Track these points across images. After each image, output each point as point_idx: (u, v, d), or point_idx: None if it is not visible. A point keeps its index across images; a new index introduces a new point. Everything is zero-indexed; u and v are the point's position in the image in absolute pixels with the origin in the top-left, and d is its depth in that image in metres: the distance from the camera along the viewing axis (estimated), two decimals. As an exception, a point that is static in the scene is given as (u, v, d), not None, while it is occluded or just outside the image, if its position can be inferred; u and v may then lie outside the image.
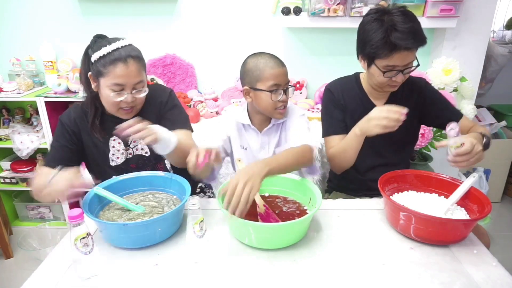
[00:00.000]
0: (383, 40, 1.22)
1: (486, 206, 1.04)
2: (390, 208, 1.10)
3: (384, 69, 1.28)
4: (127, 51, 1.21)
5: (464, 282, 0.91)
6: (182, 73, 2.45)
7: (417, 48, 1.26)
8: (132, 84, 1.22)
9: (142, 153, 1.38)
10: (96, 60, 1.20)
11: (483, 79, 2.61)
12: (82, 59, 1.29)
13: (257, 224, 1.01)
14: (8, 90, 2.26)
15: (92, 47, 1.24)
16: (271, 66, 1.27)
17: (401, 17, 1.23)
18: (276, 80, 1.27)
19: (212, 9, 2.33)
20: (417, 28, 1.24)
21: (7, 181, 2.48)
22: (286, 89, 1.31)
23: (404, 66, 1.27)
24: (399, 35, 1.21)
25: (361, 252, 1.03)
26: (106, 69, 1.19)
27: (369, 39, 1.27)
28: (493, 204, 2.98)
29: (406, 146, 1.54)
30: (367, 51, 1.29)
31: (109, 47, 1.20)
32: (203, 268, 0.96)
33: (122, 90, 1.21)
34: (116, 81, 1.19)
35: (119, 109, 1.26)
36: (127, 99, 1.23)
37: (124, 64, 1.19)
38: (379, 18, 1.25)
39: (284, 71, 1.30)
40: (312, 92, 2.48)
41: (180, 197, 1.19)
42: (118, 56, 1.19)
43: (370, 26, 1.27)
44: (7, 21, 2.39)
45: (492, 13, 2.27)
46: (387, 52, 1.24)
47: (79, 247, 0.88)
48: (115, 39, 1.23)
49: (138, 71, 1.22)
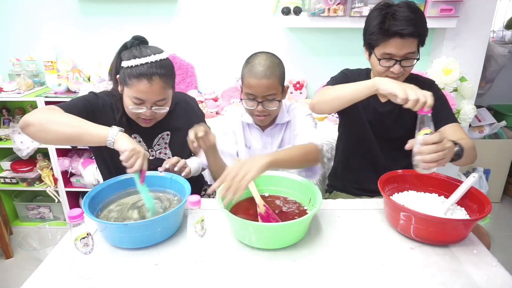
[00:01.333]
0: (378, 26, 1.23)
1: (486, 206, 1.04)
2: (390, 208, 1.10)
3: (380, 57, 1.28)
4: (154, 68, 1.18)
5: (464, 282, 0.91)
6: (182, 73, 2.45)
7: (413, 36, 1.23)
8: (153, 101, 1.21)
9: (165, 157, 1.38)
10: (125, 67, 1.19)
11: (483, 79, 2.62)
12: (115, 57, 1.27)
13: (257, 224, 1.01)
14: (8, 90, 2.26)
15: (125, 51, 1.22)
16: (253, 74, 1.24)
17: (403, 8, 1.23)
18: (251, 90, 1.25)
19: (212, 9, 2.33)
20: (417, 18, 1.22)
21: (7, 181, 2.49)
22: (263, 101, 1.27)
23: (402, 57, 1.26)
24: (394, 22, 1.21)
25: (361, 252, 1.03)
26: (130, 81, 1.18)
27: (367, 27, 1.29)
28: (493, 204, 2.97)
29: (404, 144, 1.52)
30: (366, 38, 1.31)
31: (138, 60, 1.17)
32: (203, 268, 0.96)
33: (142, 104, 1.21)
34: (137, 96, 1.19)
35: (138, 118, 1.27)
36: (146, 113, 1.23)
37: (148, 81, 1.17)
38: (382, 8, 1.26)
39: (263, 84, 1.24)
40: (312, 92, 2.48)
41: (180, 197, 1.19)
42: (144, 72, 1.17)
43: (371, 15, 1.29)
44: (7, 21, 2.39)
45: (492, 13, 2.27)
46: (381, 38, 1.24)
47: (79, 247, 0.88)
48: (148, 51, 1.20)
49: (162, 89, 1.21)
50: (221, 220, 1.16)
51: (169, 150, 1.39)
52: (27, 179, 2.47)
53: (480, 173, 2.66)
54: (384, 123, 1.43)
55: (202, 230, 0.96)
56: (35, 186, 2.48)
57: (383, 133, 1.44)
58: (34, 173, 2.45)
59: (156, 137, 1.36)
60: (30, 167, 2.47)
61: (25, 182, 2.48)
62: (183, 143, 1.42)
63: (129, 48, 1.23)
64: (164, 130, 1.37)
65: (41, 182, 2.48)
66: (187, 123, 1.41)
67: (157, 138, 1.36)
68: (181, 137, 1.40)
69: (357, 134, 1.50)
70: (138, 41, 1.23)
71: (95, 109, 1.27)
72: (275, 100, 1.27)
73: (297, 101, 2.39)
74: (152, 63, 1.18)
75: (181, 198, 1.15)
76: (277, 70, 1.27)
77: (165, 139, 1.38)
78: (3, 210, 2.44)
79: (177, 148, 1.40)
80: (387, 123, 1.43)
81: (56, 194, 2.45)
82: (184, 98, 1.46)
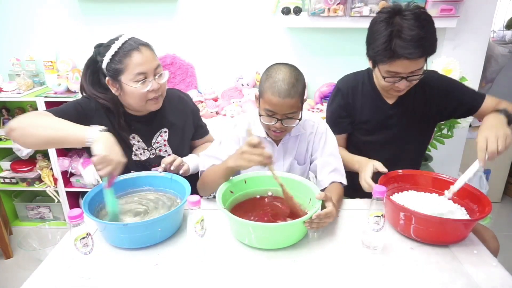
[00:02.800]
0: (383, 45, 1.17)
1: (487, 206, 1.04)
2: (390, 208, 1.10)
3: (385, 75, 1.24)
4: (135, 41, 1.22)
5: (464, 282, 0.91)
6: (182, 73, 2.45)
7: (421, 57, 1.18)
8: (153, 69, 1.22)
9: (165, 155, 1.38)
10: (109, 61, 1.20)
11: (483, 79, 2.61)
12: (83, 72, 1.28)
13: (257, 224, 1.01)
14: (8, 90, 2.26)
15: (98, 54, 1.23)
16: (276, 92, 1.13)
17: (410, 22, 1.15)
18: (272, 108, 1.15)
19: (212, 9, 2.33)
20: (424, 36, 1.15)
21: (7, 181, 2.48)
22: (283, 119, 1.17)
23: (408, 74, 1.22)
24: (400, 43, 1.14)
25: (361, 252, 1.03)
26: (123, 64, 1.19)
27: (372, 41, 1.22)
28: (493, 204, 2.97)
29: (421, 144, 1.52)
30: (370, 52, 1.26)
31: (116, 43, 1.20)
32: (202, 268, 0.96)
33: (145, 79, 1.21)
34: (137, 71, 1.19)
35: (147, 102, 1.26)
36: (154, 86, 1.23)
37: (138, 52, 1.19)
38: (389, 19, 1.18)
39: (286, 103, 1.13)
40: (312, 92, 2.48)
41: (180, 197, 1.19)
42: (130, 47, 1.19)
43: (376, 27, 1.21)
44: (7, 21, 2.39)
45: (492, 13, 2.27)
46: (386, 59, 1.19)
47: (79, 247, 0.88)
48: (117, 37, 1.23)
49: (153, 56, 1.24)
50: (221, 220, 1.16)
51: (169, 147, 1.39)
52: (27, 179, 2.47)
53: (480, 173, 2.66)
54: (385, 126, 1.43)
55: (202, 230, 0.96)
56: (35, 186, 2.48)
57: (386, 135, 1.44)
58: (34, 173, 2.45)
59: (155, 135, 1.36)
60: (30, 167, 2.46)
61: (25, 182, 2.48)
62: (182, 139, 1.42)
63: (96, 55, 1.25)
64: (162, 128, 1.37)
65: (41, 182, 2.48)
66: (183, 118, 1.43)
67: (155, 136, 1.36)
68: (179, 133, 1.41)
69: (356, 141, 1.49)
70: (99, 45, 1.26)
71: (87, 112, 1.27)
72: (295, 118, 1.20)
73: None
74: (128, 39, 1.21)
75: (181, 199, 1.15)
76: (300, 87, 1.16)
77: (164, 136, 1.38)
78: (3, 210, 2.44)
79: (176, 144, 1.40)
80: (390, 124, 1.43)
81: (56, 194, 2.45)
82: (178, 94, 1.47)
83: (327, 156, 1.30)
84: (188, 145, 1.49)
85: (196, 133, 1.51)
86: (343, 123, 1.43)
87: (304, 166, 1.36)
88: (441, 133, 2.08)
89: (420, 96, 1.38)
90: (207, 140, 1.55)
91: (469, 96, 1.38)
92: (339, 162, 1.31)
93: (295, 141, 1.33)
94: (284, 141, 1.32)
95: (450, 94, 1.38)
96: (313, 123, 1.33)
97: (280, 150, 1.33)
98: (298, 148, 1.34)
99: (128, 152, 1.33)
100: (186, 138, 1.46)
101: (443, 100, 1.38)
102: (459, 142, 2.51)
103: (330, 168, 1.28)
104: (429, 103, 1.39)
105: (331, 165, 1.28)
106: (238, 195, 1.20)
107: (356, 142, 1.50)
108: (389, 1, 2.10)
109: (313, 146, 1.34)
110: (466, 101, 1.37)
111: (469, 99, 1.37)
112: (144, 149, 1.35)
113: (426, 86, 1.37)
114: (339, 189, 1.25)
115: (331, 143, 1.32)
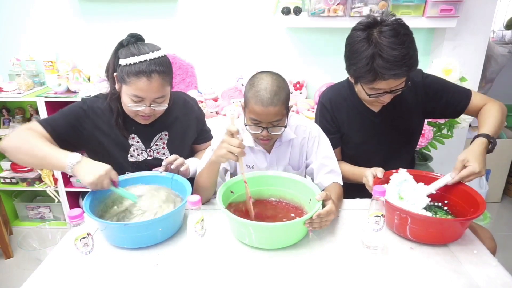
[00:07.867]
0: (366, 67, 1.16)
1: (481, 204, 1.04)
2: (387, 210, 1.09)
3: (370, 92, 1.23)
4: (153, 65, 1.18)
5: (464, 282, 0.91)
6: (182, 73, 2.45)
7: (406, 75, 1.18)
8: (152, 98, 1.21)
9: (163, 157, 1.37)
10: (123, 65, 1.19)
11: (483, 79, 2.61)
12: (112, 55, 1.26)
13: (257, 224, 1.01)
14: (8, 90, 2.26)
15: (122, 49, 1.21)
16: (259, 101, 1.14)
17: (391, 40, 1.13)
18: (257, 117, 1.17)
19: (212, 9, 2.33)
20: (406, 53, 1.13)
21: (7, 181, 2.48)
22: (268, 127, 1.19)
23: (393, 88, 1.21)
24: (383, 64, 1.13)
25: (361, 252, 1.03)
26: (129, 79, 1.18)
27: (354, 61, 1.20)
28: (493, 204, 2.97)
29: (410, 142, 1.52)
30: (351, 72, 1.26)
31: (136, 58, 1.17)
32: (203, 268, 0.96)
33: (141, 102, 1.21)
34: (136, 93, 1.19)
35: (136, 115, 1.26)
36: (145, 111, 1.23)
37: (147, 78, 1.17)
38: (367, 37, 1.17)
39: (269, 111, 1.15)
40: (312, 92, 2.48)
41: (182, 197, 1.19)
42: (143, 70, 1.16)
43: (356, 47, 1.19)
44: (7, 21, 2.39)
45: (492, 13, 2.27)
46: (370, 81, 1.19)
47: (79, 247, 0.88)
48: (146, 48, 1.19)
49: (161, 86, 1.21)
50: (221, 220, 1.16)
51: (167, 150, 1.39)
52: (27, 179, 2.47)
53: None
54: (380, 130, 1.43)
55: (202, 230, 0.96)
56: (35, 186, 2.48)
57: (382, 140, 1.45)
58: (34, 173, 2.45)
59: (154, 137, 1.36)
60: (30, 167, 2.46)
61: (25, 182, 2.48)
62: (181, 143, 1.42)
63: (126, 46, 1.22)
64: (162, 130, 1.37)
65: (41, 182, 2.48)
66: (186, 123, 1.41)
67: (155, 139, 1.36)
68: (179, 137, 1.40)
69: (349, 152, 1.49)
70: (135, 39, 1.23)
71: (80, 118, 1.27)
72: (280, 125, 1.21)
73: (297, 101, 2.39)
74: (150, 60, 1.18)
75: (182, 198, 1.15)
76: (283, 94, 1.17)
77: (163, 139, 1.37)
78: (3, 210, 2.44)
79: (175, 148, 1.39)
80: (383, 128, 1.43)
81: (56, 194, 2.45)
82: (183, 97, 1.46)
83: (322, 159, 1.31)
84: (188, 149, 1.47)
85: (200, 138, 1.50)
86: (333, 139, 1.41)
87: (300, 171, 1.37)
88: (440, 133, 2.08)
89: (410, 99, 1.38)
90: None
91: (457, 94, 1.38)
92: (335, 163, 1.32)
93: (287, 147, 1.34)
94: (275, 148, 1.33)
95: (440, 91, 1.38)
96: (305, 128, 1.33)
97: (273, 158, 1.34)
98: (291, 153, 1.34)
99: (123, 154, 1.34)
100: (186, 143, 1.45)
101: (434, 99, 1.39)
102: (458, 142, 2.51)
103: (326, 170, 1.29)
104: (420, 104, 1.40)
105: (327, 167, 1.30)
106: (238, 195, 1.20)
107: (348, 154, 1.50)
108: (389, 1, 2.10)
109: (307, 151, 1.35)
110: (455, 99, 1.37)
111: (458, 97, 1.37)
112: (142, 150, 1.35)
113: (415, 87, 1.36)
114: (338, 188, 1.25)
115: (325, 145, 1.34)
